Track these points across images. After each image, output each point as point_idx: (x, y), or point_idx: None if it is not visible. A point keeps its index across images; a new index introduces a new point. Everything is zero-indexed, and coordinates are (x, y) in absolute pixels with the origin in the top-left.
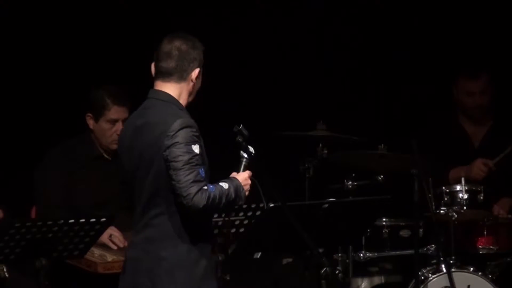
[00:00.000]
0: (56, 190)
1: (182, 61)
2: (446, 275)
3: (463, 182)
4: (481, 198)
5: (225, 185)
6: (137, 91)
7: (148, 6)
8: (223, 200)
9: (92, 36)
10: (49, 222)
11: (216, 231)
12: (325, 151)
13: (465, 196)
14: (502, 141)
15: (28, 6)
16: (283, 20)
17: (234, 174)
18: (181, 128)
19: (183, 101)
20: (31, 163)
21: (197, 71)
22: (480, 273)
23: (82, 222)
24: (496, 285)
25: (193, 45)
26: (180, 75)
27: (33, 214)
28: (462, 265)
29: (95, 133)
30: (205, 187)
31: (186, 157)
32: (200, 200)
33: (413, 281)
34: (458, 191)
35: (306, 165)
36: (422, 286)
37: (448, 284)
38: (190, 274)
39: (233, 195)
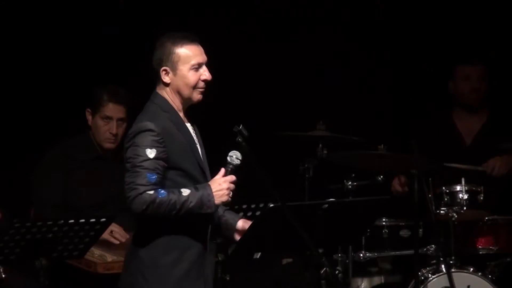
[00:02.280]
0: (54, 190)
1: (154, 65)
2: (446, 275)
3: (463, 182)
4: (481, 198)
5: (185, 191)
6: (137, 91)
7: (150, 5)
8: (176, 206)
9: (94, 36)
10: (49, 222)
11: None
12: (325, 151)
13: (465, 196)
14: (493, 141)
15: (28, 6)
16: (283, 20)
17: (213, 179)
18: (141, 131)
19: (176, 101)
20: (31, 163)
21: (162, 71)
22: (480, 273)
23: (82, 222)
24: (496, 285)
25: (159, 44)
26: (158, 79)
27: (32, 214)
28: (462, 265)
29: (92, 129)
30: (150, 192)
31: (136, 160)
32: (138, 205)
33: (413, 281)
34: (458, 191)
35: (306, 165)
36: (422, 286)
37: (448, 284)
38: (163, 276)
39: (192, 203)
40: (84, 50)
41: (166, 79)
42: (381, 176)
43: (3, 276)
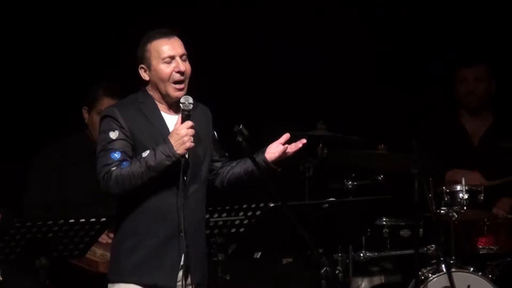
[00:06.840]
0: (45, 188)
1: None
2: (446, 275)
3: (463, 182)
4: (481, 198)
5: (145, 152)
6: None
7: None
8: (141, 169)
9: (91, 35)
10: (49, 222)
11: (216, 231)
12: (325, 151)
13: (465, 196)
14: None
15: (26, 6)
16: (282, 20)
17: (171, 132)
18: (103, 118)
19: (157, 96)
20: (31, 162)
21: (140, 69)
22: (480, 273)
23: (82, 222)
24: (496, 285)
25: (139, 44)
26: (140, 78)
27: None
28: (462, 265)
29: (89, 126)
30: (113, 168)
31: (100, 145)
32: (107, 183)
33: (413, 281)
34: (458, 191)
35: (306, 165)
36: (422, 286)
37: (448, 284)
38: (121, 262)
39: (154, 160)
40: (83, 48)
41: (145, 76)
42: (381, 176)
43: (0, 278)
